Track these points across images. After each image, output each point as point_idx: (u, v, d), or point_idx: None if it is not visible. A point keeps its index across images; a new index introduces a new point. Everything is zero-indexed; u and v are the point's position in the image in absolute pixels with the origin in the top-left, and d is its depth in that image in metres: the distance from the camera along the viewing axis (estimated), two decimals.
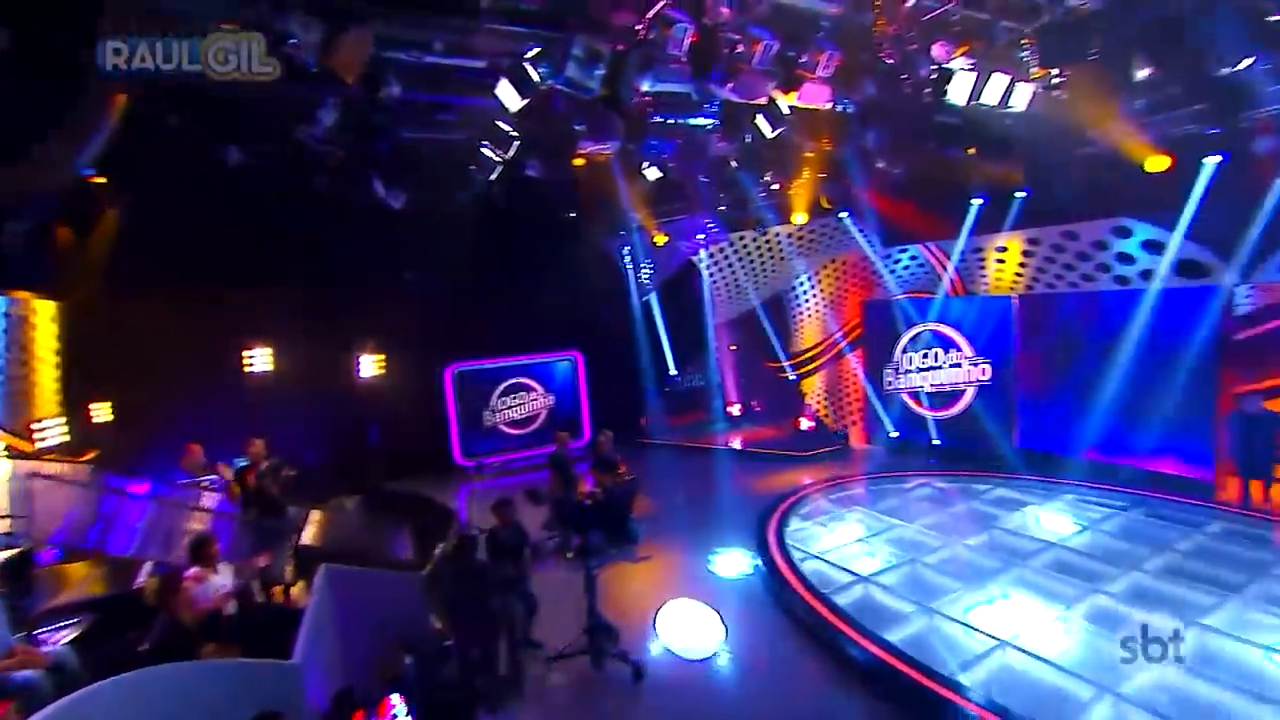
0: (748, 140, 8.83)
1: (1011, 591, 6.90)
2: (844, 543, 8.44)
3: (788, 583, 7.19)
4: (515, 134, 8.16)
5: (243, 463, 7.64)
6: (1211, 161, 8.71)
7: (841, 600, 6.83)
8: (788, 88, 6.73)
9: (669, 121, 8.74)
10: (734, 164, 9.48)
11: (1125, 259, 10.12)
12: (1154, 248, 9.67)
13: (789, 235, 13.63)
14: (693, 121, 8.57)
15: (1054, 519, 9.04)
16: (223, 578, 5.42)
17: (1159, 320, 9.66)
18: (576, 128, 8.06)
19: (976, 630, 6.11)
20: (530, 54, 6.26)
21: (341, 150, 7.83)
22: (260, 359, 11.82)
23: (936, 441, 12.67)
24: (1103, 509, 9.15)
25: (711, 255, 14.07)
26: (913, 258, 13.31)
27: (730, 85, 6.21)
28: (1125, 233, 9.86)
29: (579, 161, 9.75)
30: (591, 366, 14.48)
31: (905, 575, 7.46)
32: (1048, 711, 5.01)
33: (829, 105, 7.35)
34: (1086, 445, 10.56)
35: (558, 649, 6.04)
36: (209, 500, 7.71)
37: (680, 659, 6.29)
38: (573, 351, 14.46)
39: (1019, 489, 10.26)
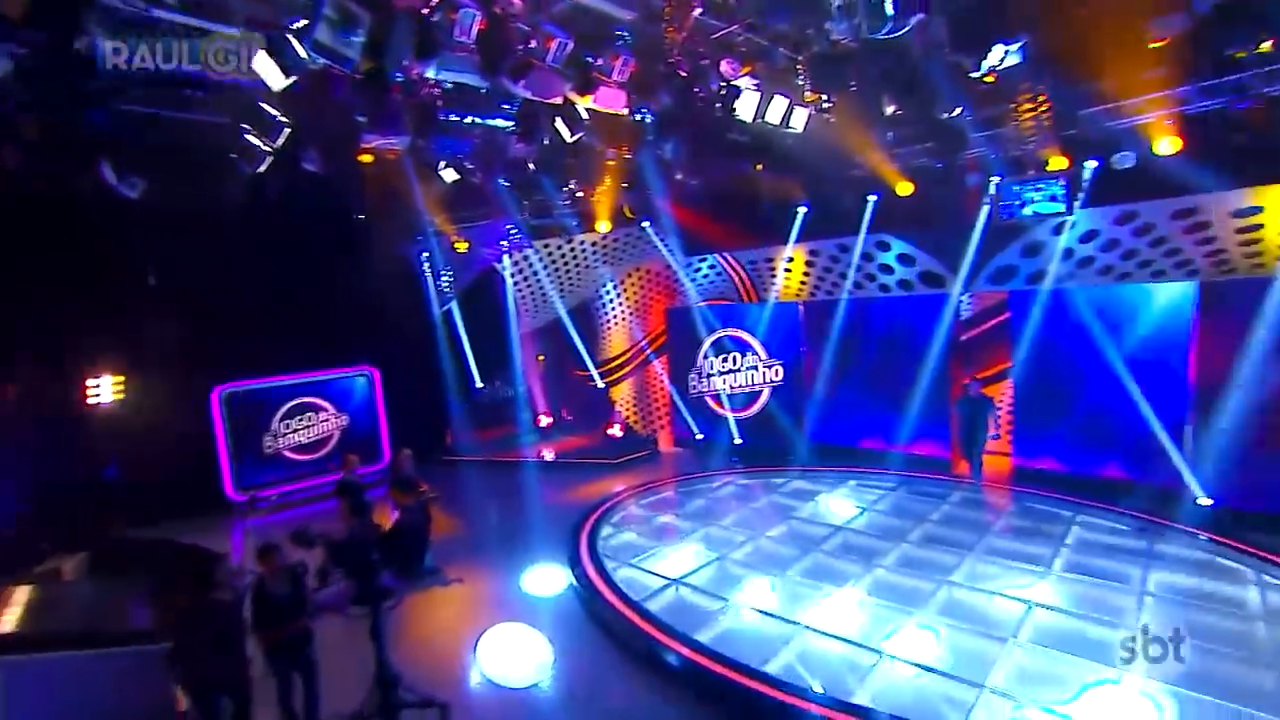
0: (547, 143, 8.65)
1: (807, 576, 7.39)
2: (655, 546, 8.51)
3: (601, 595, 7.03)
4: (285, 120, 7.14)
5: None
6: (939, 189, 10.20)
7: (655, 606, 6.82)
8: (583, 90, 6.63)
9: (467, 120, 8.27)
10: (533, 167, 9.21)
11: (886, 269, 11.57)
12: (906, 260, 11.15)
13: (593, 243, 13.71)
14: (490, 122, 8.16)
15: (840, 505, 9.96)
16: None
17: (911, 323, 11.16)
18: (358, 119, 7.30)
19: (778, 618, 6.43)
20: (295, 25, 5.46)
21: (38, 119, 6.25)
22: None
23: (739, 440, 13.45)
24: (877, 491, 10.30)
25: (515, 263, 13.69)
26: (711, 266, 14.07)
27: (522, 81, 5.95)
28: (885, 246, 11.26)
29: (366, 158, 8.87)
30: (390, 382, 13.29)
31: (714, 573, 7.68)
32: (838, 681, 5.36)
33: (626, 112, 7.38)
34: (864, 435, 11.86)
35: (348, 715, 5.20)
36: None
37: (502, 689, 5.83)
38: (368, 366, 13.18)
39: (811, 480, 11.19)
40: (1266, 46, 7.24)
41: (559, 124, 8.17)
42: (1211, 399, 8.50)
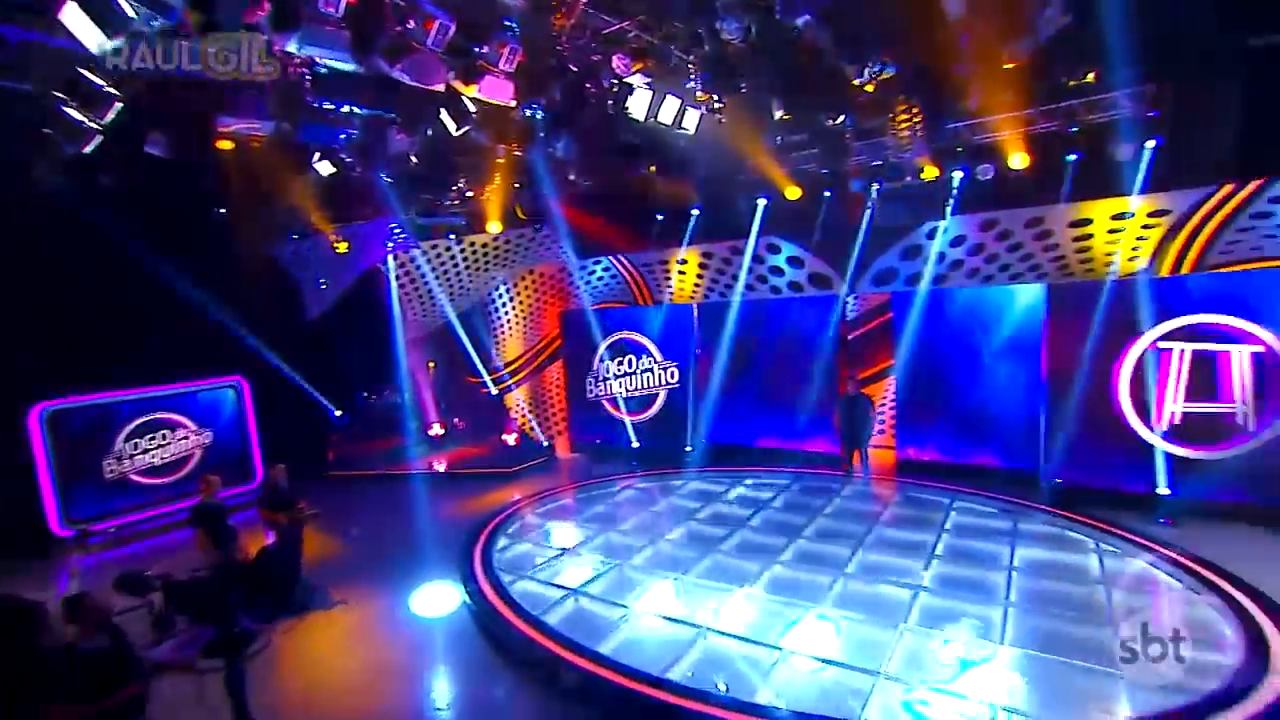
0: (430, 135, 8.18)
1: (707, 578, 7.36)
2: (553, 556, 8.22)
3: (497, 611, 6.65)
4: (115, 93, 6.24)
5: None
6: (827, 195, 10.62)
7: (554, 619, 6.54)
8: (467, 79, 6.27)
9: (345, 110, 7.64)
10: (415, 160, 8.66)
11: (776, 271, 11.90)
12: (796, 262, 11.52)
13: (484, 245, 13.18)
14: (366, 111, 7.58)
15: (736, 504, 10.08)
16: None
17: (801, 323, 11.54)
18: (212, 98, 6.55)
19: (680, 622, 6.33)
20: None
21: None
22: None
23: (636, 444, 13.39)
24: (772, 489, 10.52)
25: (401, 264, 12.90)
26: (605, 269, 13.93)
27: (399, 65, 5.52)
28: (775, 249, 11.57)
29: (225, 144, 7.99)
30: (261, 393, 12.14)
31: (614, 580, 7.50)
32: (742, 681, 5.32)
33: (514, 105, 7.07)
34: (759, 434, 12.12)
35: None
36: None
37: None
38: (235, 377, 11.96)
39: (709, 480, 11.29)
40: (1091, 78, 8.10)
41: (444, 116, 7.73)
42: (1059, 390, 9.37)
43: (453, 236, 12.75)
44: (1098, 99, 8.50)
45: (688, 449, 12.72)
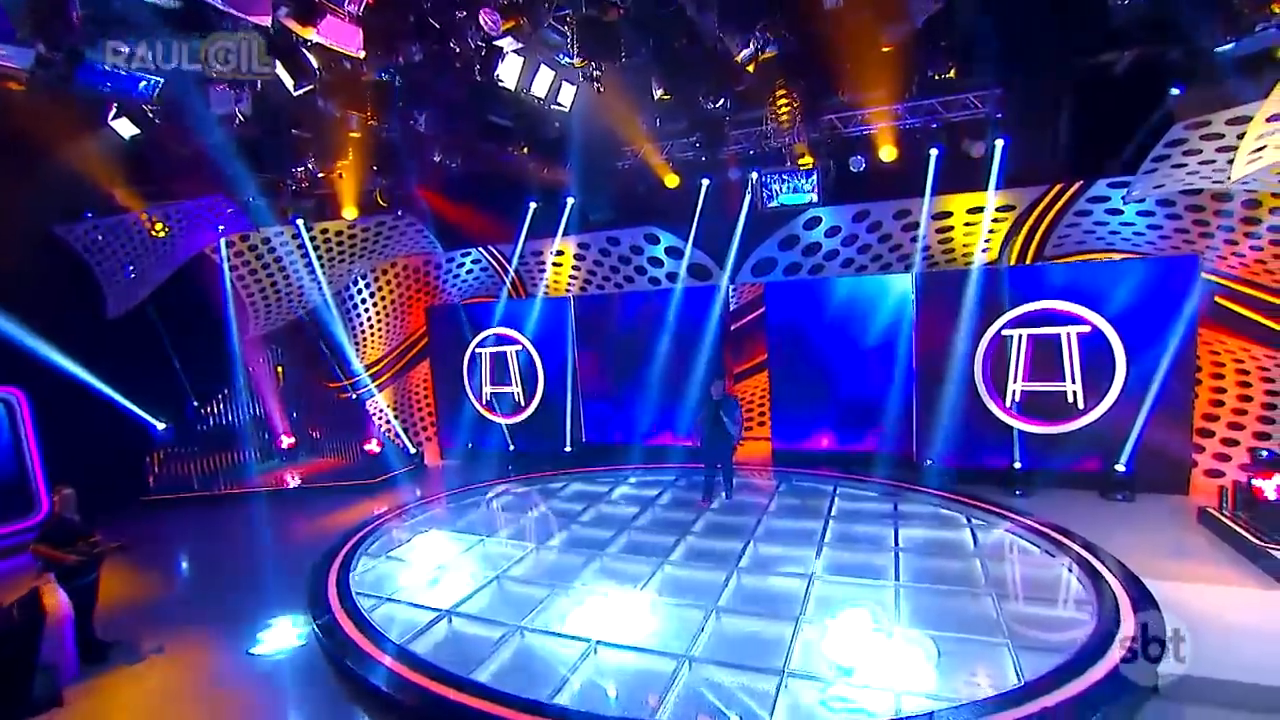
0: (263, 93, 7.00)
1: (594, 585, 6.82)
2: (423, 573, 7.31)
3: (353, 643, 5.69)
4: None
5: None
6: (704, 183, 10.45)
7: (422, 646, 5.70)
8: (303, 17, 5.30)
9: (139, 53, 6.27)
10: (243, 120, 7.32)
11: (655, 263, 11.59)
12: (675, 253, 11.27)
13: (339, 233, 11.79)
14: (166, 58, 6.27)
15: (621, 504, 9.62)
16: None
17: (684, 316, 11.30)
18: None
19: (567, 637, 5.73)
20: None
21: None
22: None
23: (512, 447, 12.59)
24: (657, 487, 10.17)
25: (238, 253, 11.22)
26: (475, 261, 13.01)
27: None
28: (654, 239, 11.25)
29: None
30: (48, 408, 10.02)
31: (491, 596, 6.76)
32: (639, 696, 4.82)
33: (363, 56, 6.13)
34: (642, 431, 11.74)
35: None
36: None
37: None
38: (9, 389, 9.80)
39: (591, 481, 10.76)
40: (953, 74, 8.49)
41: (280, 70, 6.59)
42: (927, 375, 9.79)
43: (301, 222, 11.27)
44: (955, 98, 8.96)
45: (567, 450, 12.12)
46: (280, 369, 14.03)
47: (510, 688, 4.88)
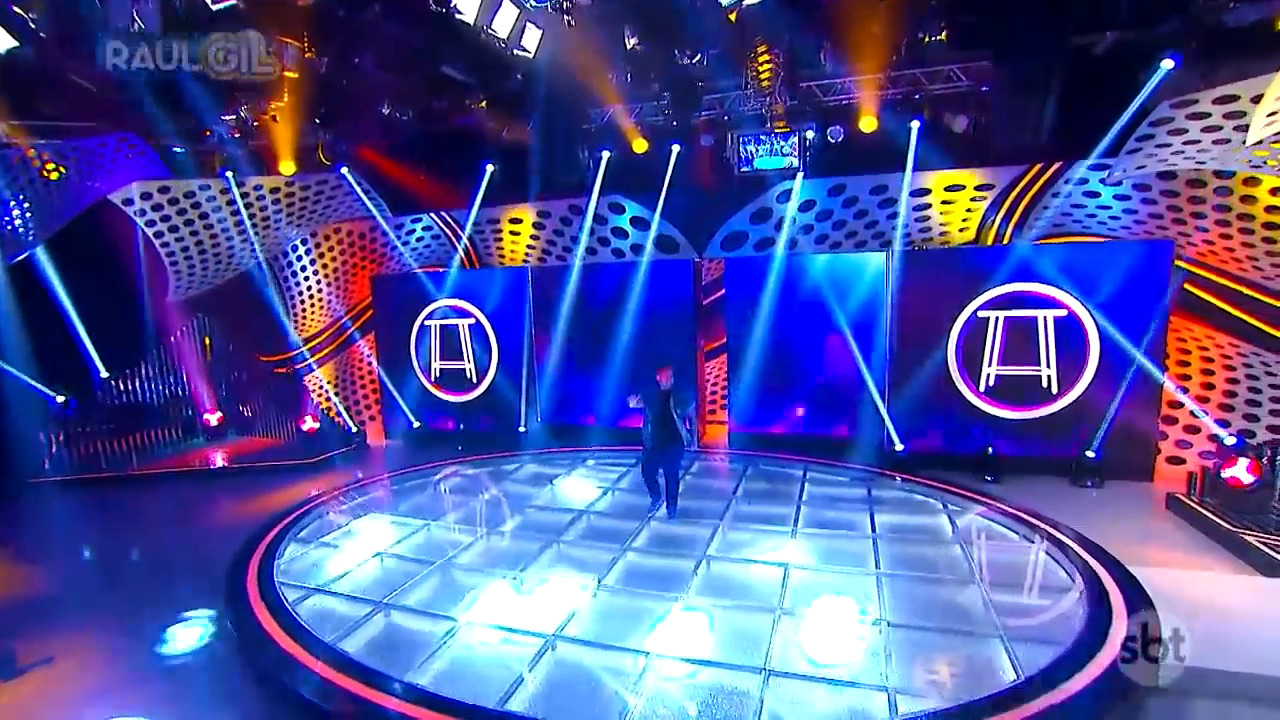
0: (179, 11, 6.07)
1: (550, 573, 6.21)
2: (359, 561, 6.56)
3: (271, 642, 4.94)
4: None
5: None
6: (675, 150, 9.84)
7: (354, 644, 5.00)
8: None
9: None
10: (142, 28, 6.27)
11: (620, 234, 10.95)
12: (641, 224, 10.65)
13: (274, 190, 10.75)
14: None
15: (580, 486, 9.02)
16: None
17: (653, 291, 10.67)
18: None
19: (520, 632, 5.11)
20: None
21: None
22: None
23: (462, 426, 11.83)
24: (618, 468, 9.59)
25: (155, 205, 10.03)
26: (426, 228, 12.13)
27: None
28: (619, 209, 10.61)
29: None
30: None
31: (436, 585, 6.08)
32: (603, 700, 4.26)
33: None
34: (605, 411, 11.11)
35: None
36: None
37: None
38: None
39: (547, 463, 10.12)
40: (943, 36, 8.12)
41: None
42: (900, 357, 9.47)
43: (231, 176, 10.19)
44: (939, 69, 8.61)
45: (522, 430, 11.42)
46: (208, 340, 12.86)
47: (453, 692, 4.25)
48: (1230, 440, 7.78)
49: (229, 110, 9.51)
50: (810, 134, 8.90)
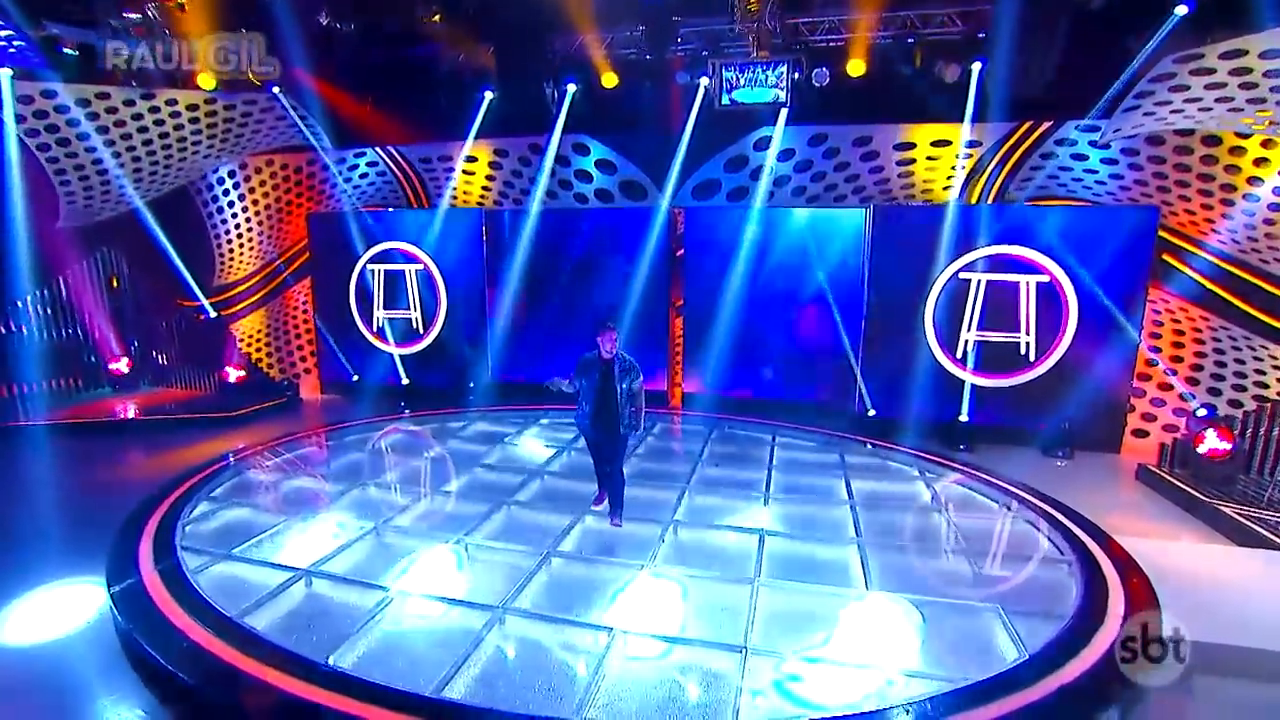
0: None
1: (499, 539, 5.56)
2: (281, 523, 5.76)
3: (162, 618, 4.14)
4: None
5: None
6: (646, 87, 9.02)
7: (264, 619, 4.25)
8: None
9: None
10: None
11: (584, 176, 10.12)
12: (606, 167, 9.84)
13: (191, 108, 9.45)
14: None
15: (533, 446, 8.35)
16: None
17: (617, 239, 9.91)
18: None
19: (463, 605, 4.46)
20: None
21: None
22: None
23: (407, 380, 10.94)
24: (575, 428, 8.88)
25: (37, 112, 8.57)
26: (371, 164, 11.04)
27: None
28: (583, 150, 9.77)
29: None
30: None
31: (368, 550, 5.35)
32: (558, 685, 3.67)
33: None
34: (564, 368, 10.31)
35: None
36: None
37: None
38: None
39: (498, 421, 9.39)
40: None
41: None
42: (875, 318, 9.02)
43: (135, 85, 8.88)
44: (935, 11, 8.02)
45: (472, 385, 10.61)
46: (114, 279, 11.51)
47: (383, 676, 3.58)
48: (1202, 412, 7.64)
49: (132, 6, 8.24)
50: (795, 75, 8.22)
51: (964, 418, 8.63)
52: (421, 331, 10.89)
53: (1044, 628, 4.19)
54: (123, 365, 11.17)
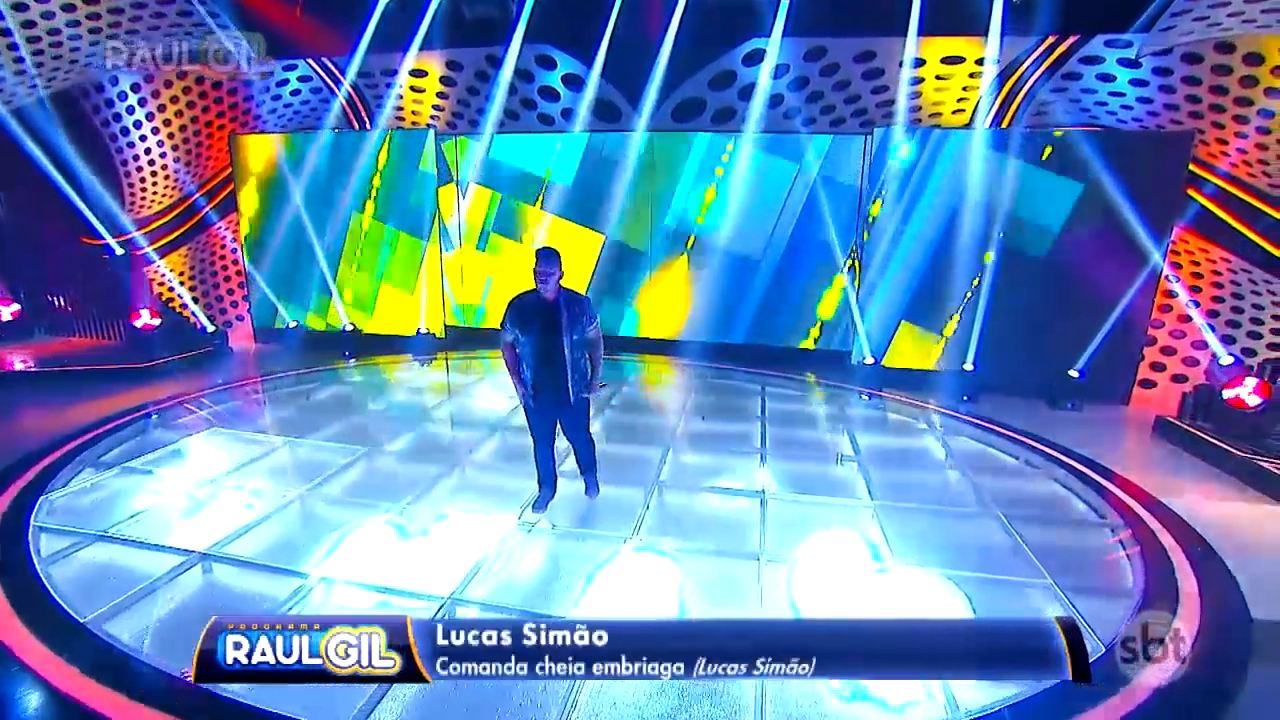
0: None
1: (453, 507, 4.61)
2: (183, 493, 4.70)
3: None
4: None
5: None
6: None
7: (136, 622, 3.26)
8: None
9: None
10: None
11: (549, 94, 8.88)
12: (574, 83, 8.62)
13: (74, 6, 7.84)
14: None
15: (493, 398, 7.35)
16: None
17: (591, 166, 8.80)
18: None
19: (402, 594, 3.52)
20: None
21: None
22: None
23: (351, 326, 9.76)
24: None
25: None
26: (302, 78, 9.57)
27: None
28: (549, 63, 8.51)
29: None
30: None
31: (290, 522, 4.35)
32: (515, 694, 2.80)
33: None
34: None
35: None
36: None
37: None
38: None
39: (457, 369, 8.37)
40: None
41: None
42: (874, 256, 8.17)
43: None
44: None
45: (423, 331, 9.49)
46: None
47: (290, 696, 2.64)
48: (1228, 360, 7.03)
49: None
50: None
51: (969, 366, 7.89)
52: None
53: (1109, 609, 3.49)
54: (7, 311, 9.67)
